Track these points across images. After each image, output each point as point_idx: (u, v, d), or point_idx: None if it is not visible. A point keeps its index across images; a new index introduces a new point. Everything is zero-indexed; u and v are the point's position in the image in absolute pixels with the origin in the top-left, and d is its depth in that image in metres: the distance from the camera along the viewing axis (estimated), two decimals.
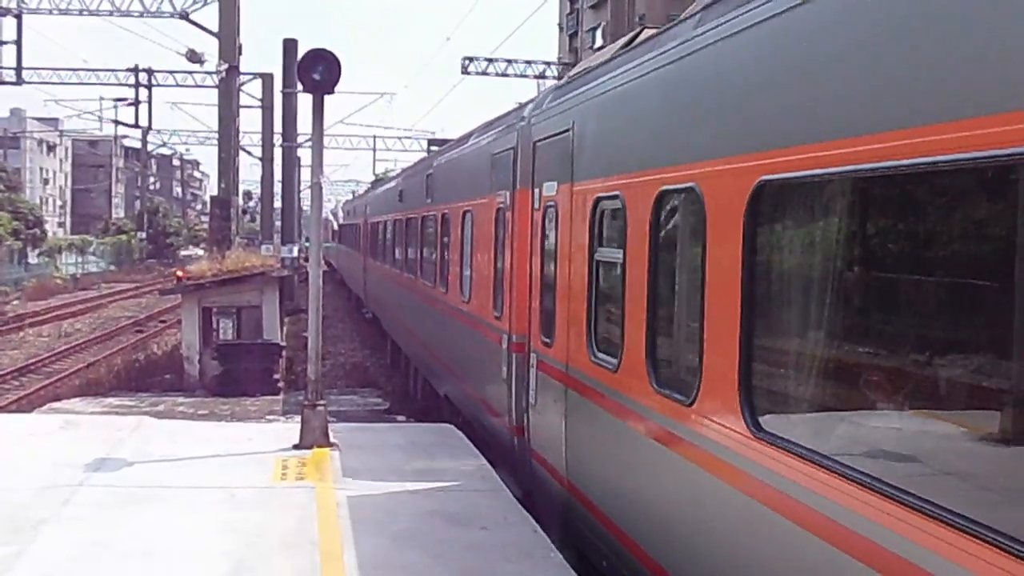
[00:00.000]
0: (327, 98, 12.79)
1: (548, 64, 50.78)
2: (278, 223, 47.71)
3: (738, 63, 5.93)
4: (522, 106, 12.37)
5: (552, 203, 9.59)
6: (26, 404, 21.77)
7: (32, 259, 68.77)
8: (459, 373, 14.63)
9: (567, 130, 9.23)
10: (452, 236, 15.28)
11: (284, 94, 42.44)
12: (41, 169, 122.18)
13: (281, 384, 21.27)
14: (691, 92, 6.67)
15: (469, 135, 15.55)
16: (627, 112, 7.96)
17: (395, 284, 23.31)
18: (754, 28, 5.60)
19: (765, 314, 5.57)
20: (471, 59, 47.74)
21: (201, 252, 56.95)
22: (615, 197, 7.78)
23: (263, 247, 38.57)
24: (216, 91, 34.98)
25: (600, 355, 8.07)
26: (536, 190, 10.22)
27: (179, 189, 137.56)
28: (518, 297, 10.79)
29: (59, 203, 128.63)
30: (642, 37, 8.53)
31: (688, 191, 6.37)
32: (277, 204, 48.81)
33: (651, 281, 7.05)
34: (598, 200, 8.25)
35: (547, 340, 9.62)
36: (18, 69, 44.41)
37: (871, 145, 4.39)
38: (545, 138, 10.07)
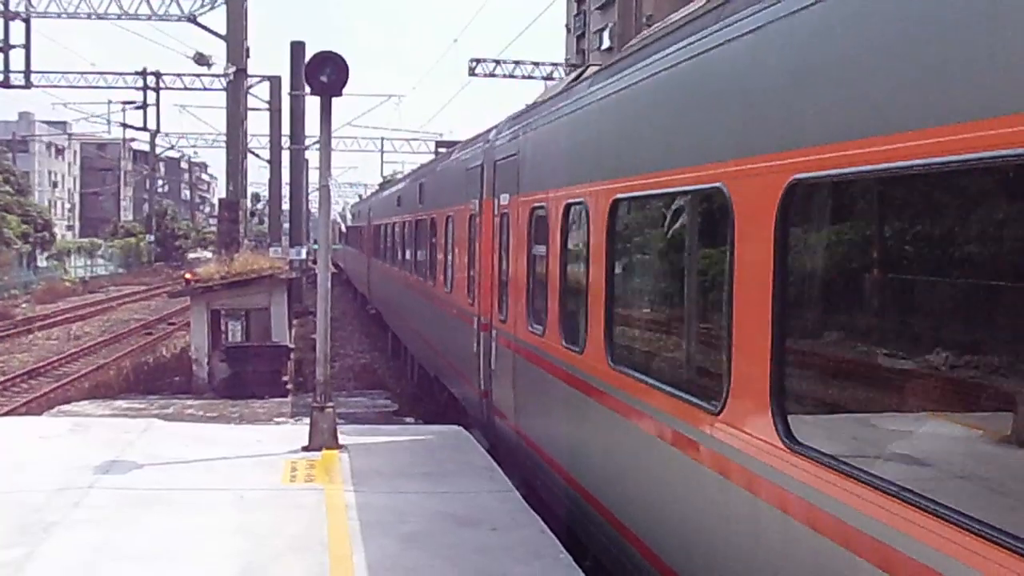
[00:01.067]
0: (335, 100, 12.82)
1: (556, 65, 50.77)
2: (286, 225, 47.73)
3: (606, 119, 8.63)
4: (489, 130, 14.25)
5: (506, 210, 12.03)
6: (36, 407, 21.81)
7: (41, 262, 68.98)
8: (443, 352, 17.36)
9: (515, 153, 11.75)
10: (439, 237, 17.86)
11: (292, 96, 42.41)
12: (50, 172, 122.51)
13: (290, 386, 21.27)
14: (582, 134, 9.41)
15: (453, 150, 18.37)
16: (548, 142, 10.60)
17: (394, 280, 26.23)
18: (611, 98, 8.39)
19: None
20: (479, 61, 47.74)
21: (209, 255, 57.03)
22: (543, 207, 10.31)
23: (271, 249, 38.60)
24: (224, 94, 35.02)
25: (534, 326, 10.55)
26: (496, 200, 12.63)
27: (187, 192, 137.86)
28: (484, 286, 13.33)
29: (68, 206, 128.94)
30: (588, 73, 10.35)
31: (579, 203, 8.99)
32: (285, 206, 48.84)
33: (561, 269, 9.63)
34: (533, 208, 10.73)
35: (503, 319, 12.19)
36: (26, 73, 44.45)
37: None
38: (503, 158, 12.49)
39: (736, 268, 5.81)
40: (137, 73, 59.12)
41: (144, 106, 62.29)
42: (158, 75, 59.74)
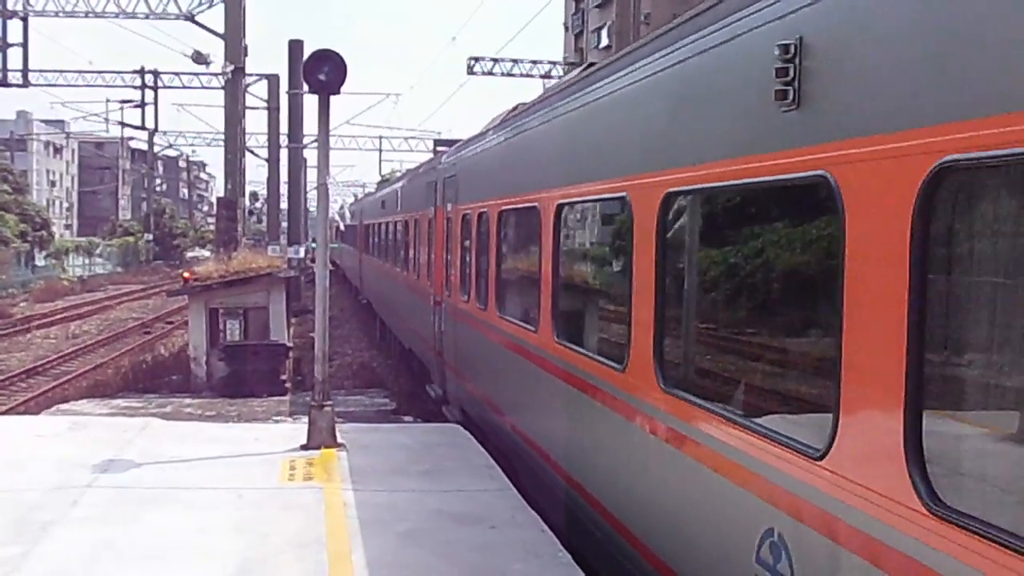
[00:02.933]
0: (333, 99, 12.80)
1: (554, 64, 50.77)
2: (284, 224, 47.74)
3: (503, 155, 12.51)
4: (443, 153, 18.93)
5: (450, 216, 16.25)
6: (34, 406, 21.81)
7: (39, 261, 68.93)
8: (412, 323, 21.88)
9: (455, 174, 16.09)
10: (409, 235, 22.34)
11: (290, 95, 42.43)
12: (48, 171, 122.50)
13: (288, 385, 21.27)
14: (487, 164, 13.70)
15: (423, 164, 23.59)
16: (471, 168, 14.92)
17: (379, 272, 30.78)
18: (504, 141, 12.46)
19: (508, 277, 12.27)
20: (477, 59, 47.74)
21: (208, 253, 57.06)
22: (468, 214, 14.41)
23: (269, 248, 38.58)
24: (222, 92, 34.98)
25: (463, 296, 14.74)
26: (444, 207, 16.80)
27: (185, 190, 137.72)
28: (436, 271, 17.64)
29: (66, 205, 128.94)
30: (519, 110, 12.73)
31: (484, 212, 13.02)
32: (283, 205, 48.85)
33: (476, 257, 13.74)
34: (463, 215, 14.85)
35: (448, 294, 16.36)
36: (24, 71, 44.44)
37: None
38: (447, 176, 16.83)
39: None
40: (135, 72, 59.07)
41: (142, 105, 62.21)
42: (156, 74, 59.70)
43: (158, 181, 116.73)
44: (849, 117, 4.61)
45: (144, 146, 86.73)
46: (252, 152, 54.54)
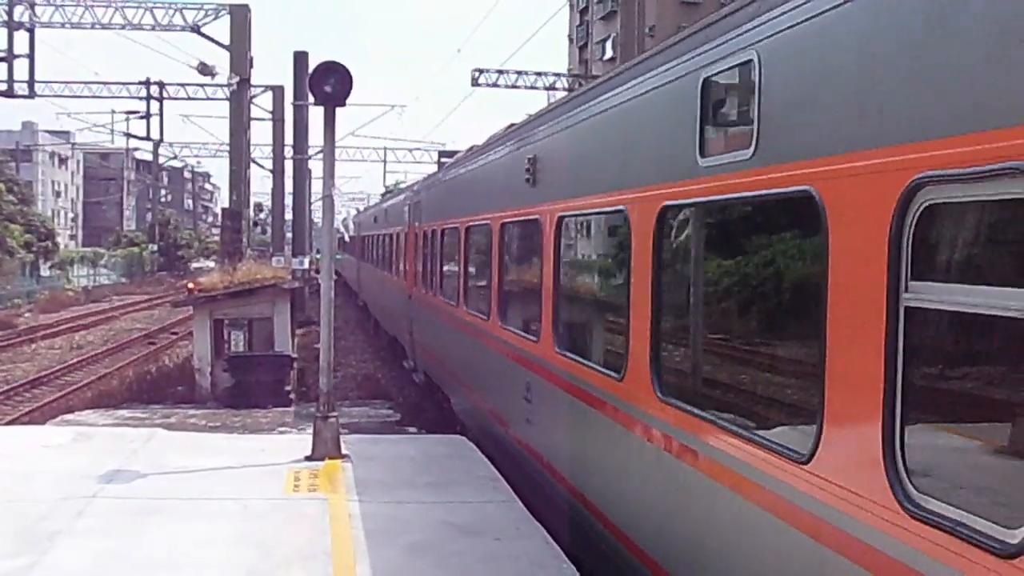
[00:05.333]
0: (338, 110, 12.84)
1: (558, 76, 50.80)
2: (289, 235, 47.80)
3: (449, 189, 17.68)
4: (416, 182, 26.12)
5: (417, 232, 21.57)
6: (39, 416, 21.81)
7: (44, 271, 69.02)
8: (393, 314, 27.36)
9: (420, 200, 21.55)
10: (393, 246, 27.31)
11: (295, 106, 42.56)
12: (53, 182, 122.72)
13: (293, 396, 21.28)
14: (437, 194, 19.23)
15: (404, 189, 30.31)
16: (429, 197, 20.26)
17: (371, 275, 35.79)
18: (455, 176, 17.41)
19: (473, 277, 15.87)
20: (482, 71, 47.74)
21: (212, 264, 57.08)
22: (428, 231, 19.46)
23: (274, 259, 38.68)
24: (227, 104, 35.11)
25: (426, 288, 19.47)
26: (415, 225, 22.03)
27: (190, 201, 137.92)
28: (408, 272, 22.84)
29: (71, 215, 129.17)
30: (475, 150, 15.84)
31: (454, 230, 16.08)
32: (288, 216, 48.91)
33: (431, 260, 18.56)
34: (425, 232, 20.01)
35: (417, 289, 21.26)
36: (30, 82, 44.52)
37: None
38: (415, 202, 22.50)
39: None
40: (141, 83, 59.15)
41: (147, 116, 62.33)
42: (161, 85, 59.80)
43: (163, 192, 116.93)
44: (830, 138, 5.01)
45: (149, 157, 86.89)
46: (257, 163, 54.69)
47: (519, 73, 48.28)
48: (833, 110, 4.83)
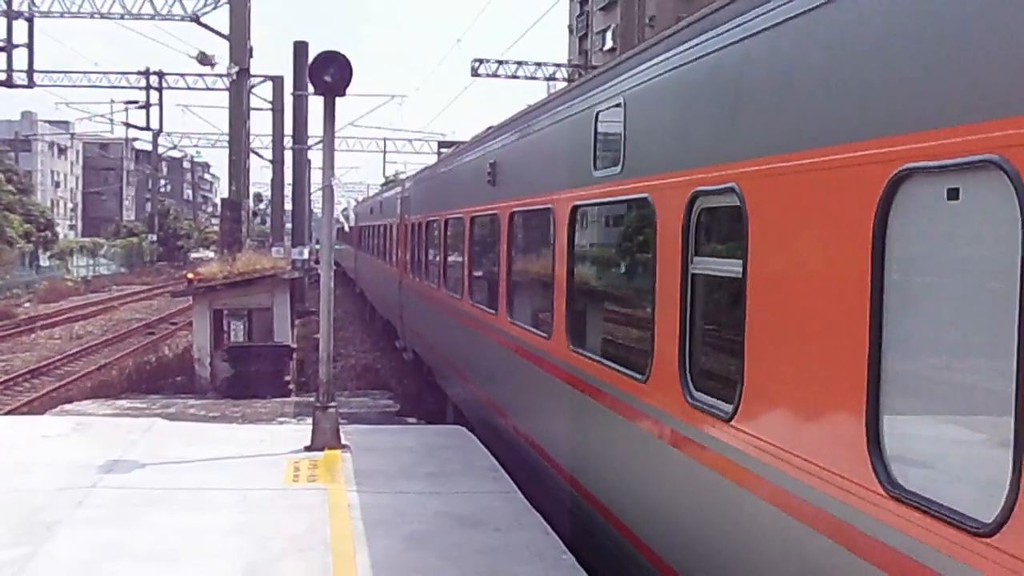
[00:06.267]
0: (338, 100, 12.80)
1: (558, 66, 50.73)
2: (289, 225, 47.77)
3: (429, 186, 20.84)
4: (407, 179, 27.42)
5: (407, 223, 23.40)
6: (38, 406, 21.83)
7: (44, 262, 68.99)
8: (384, 297, 29.93)
9: (409, 196, 23.75)
10: (387, 236, 29.13)
11: (295, 96, 42.50)
12: (52, 172, 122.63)
13: (292, 386, 21.29)
14: (419, 190, 22.38)
15: (396, 185, 32.07)
16: (415, 192, 22.81)
17: (367, 263, 38.54)
18: (434, 176, 20.79)
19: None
20: (481, 61, 47.69)
21: (212, 254, 57.00)
22: (415, 223, 21.62)
23: (274, 249, 38.62)
24: (227, 94, 35.00)
25: (413, 274, 21.58)
26: (405, 217, 23.95)
27: (190, 192, 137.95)
28: (399, 259, 24.88)
29: (70, 206, 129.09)
30: (453, 152, 18.41)
31: (420, 222, 20.48)
32: (288, 206, 48.88)
33: (418, 248, 21.04)
34: (412, 224, 22.04)
35: (406, 275, 23.29)
36: (29, 72, 44.43)
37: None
38: (405, 196, 24.69)
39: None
40: (140, 73, 59.16)
41: (147, 106, 62.38)
42: (161, 75, 59.82)
43: (162, 182, 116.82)
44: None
45: (148, 147, 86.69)
46: (256, 153, 54.52)
47: (519, 63, 48.24)
48: (658, 143, 7.28)
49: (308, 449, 12.27)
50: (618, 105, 7.93)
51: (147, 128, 66.77)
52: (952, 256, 4.13)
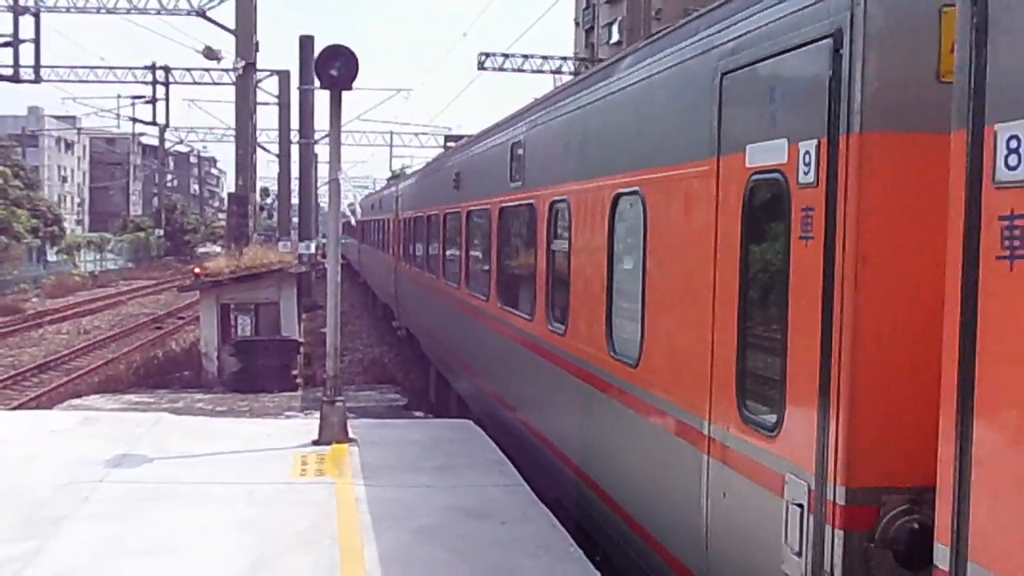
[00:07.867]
0: (344, 94, 12.78)
1: (564, 59, 50.65)
2: (295, 219, 47.79)
3: (415, 188, 25.16)
4: (402, 179, 32.16)
5: (402, 218, 26.56)
6: (46, 401, 21.88)
7: (51, 257, 69.17)
8: (384, 284, 32.25)
9: (401, 193, 27.74)
10: (386, 229, 32.09)
11: (301, 91, 42.49)
12: (59, 167, 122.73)
13: (299, 380, 21.32)
14: (409, 190, 26.43)
15: (392, 183, 36.55)
16: (407, 191, 26.76)
17: (368, 255, 42.12)
18: (418, 179, 25.66)
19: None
20: (488, 55, 47.66)
21: (219, 249, 57.14)
22: (408, 217, 25.13)
23: (280, 244, 38.63)
24: (233, 88, 35.01)
25: (407, 261, 24.78)
26: (400, 212, 27.04)
27: (196, 186, 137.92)
28: (394, 249, 28.04)
29: (77, 201, 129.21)
30: (434, 160, 22.41)
31: (412, 217, 23.98)
32: (294, 200, 48.91)
33: (408, 239, 24.75)
34: (405, 218, 25.77)
35: (400, 262, 26.35)
36: (36, 67, 44.44)
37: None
38: (399, 194, 28.13)
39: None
40: (146, 67, 59.00)
41: (153, 101, 62.16)
42: (167, 69, 59.64)
43: (169, 177, 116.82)
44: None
45: (155, 142, 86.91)
46: (263, 148, 54.62)
47: (525, 57, 48.20)
48: (540, 166, 10.94)
49: (315, 443, 12.26)
50: (520, 139, 11.91)
51: (154, 123, 66.62)
52: (633, 240, 7.77)
